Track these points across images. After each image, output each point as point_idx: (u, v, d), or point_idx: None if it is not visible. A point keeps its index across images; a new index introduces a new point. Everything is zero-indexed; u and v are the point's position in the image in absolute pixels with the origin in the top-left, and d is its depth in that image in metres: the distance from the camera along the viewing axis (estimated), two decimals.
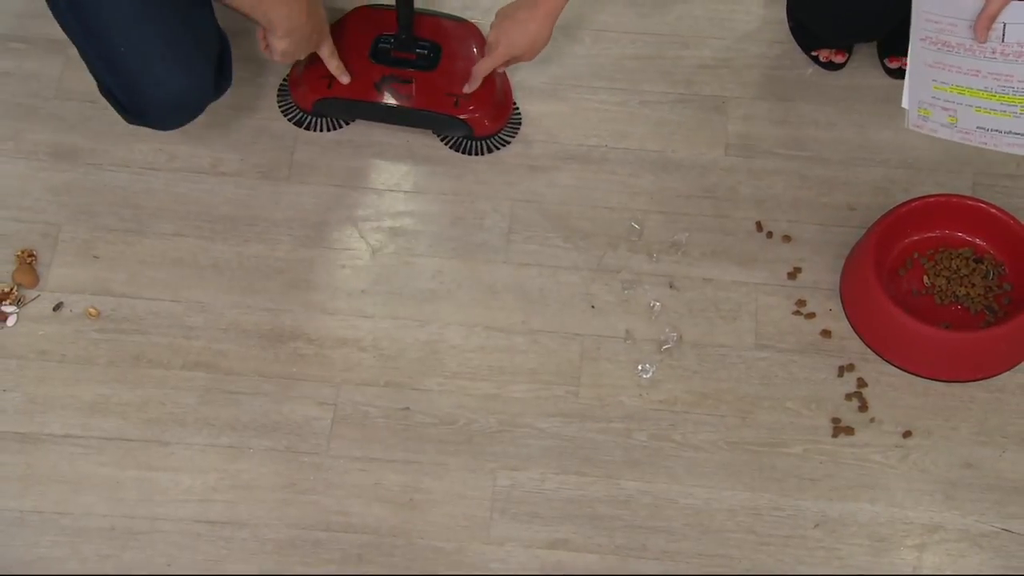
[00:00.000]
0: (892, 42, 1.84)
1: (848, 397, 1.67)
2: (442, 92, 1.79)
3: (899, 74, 1.84)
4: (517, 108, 1.86)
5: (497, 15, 1.73)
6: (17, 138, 1.83)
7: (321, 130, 1.84)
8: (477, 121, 1.80)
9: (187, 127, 1.71)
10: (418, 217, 1.79)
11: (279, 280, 1.74)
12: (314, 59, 1.80)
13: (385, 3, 1.84)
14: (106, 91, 1.68)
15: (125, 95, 1.65)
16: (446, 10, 1.92)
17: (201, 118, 1.71)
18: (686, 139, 1.85)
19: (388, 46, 1.81)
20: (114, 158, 1.82)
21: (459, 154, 1.84)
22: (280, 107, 1.86)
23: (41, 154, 1.82)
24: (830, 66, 1.90)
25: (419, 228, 1.78)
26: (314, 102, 1.81)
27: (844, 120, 1.87)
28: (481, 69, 1.76)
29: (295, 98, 1.83)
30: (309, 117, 1.84)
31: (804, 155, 1.84)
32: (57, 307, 1.71)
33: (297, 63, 1.83)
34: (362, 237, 1.78)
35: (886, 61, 1.89)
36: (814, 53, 1.90)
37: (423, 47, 1.81)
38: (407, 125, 1.84)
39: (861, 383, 1.68)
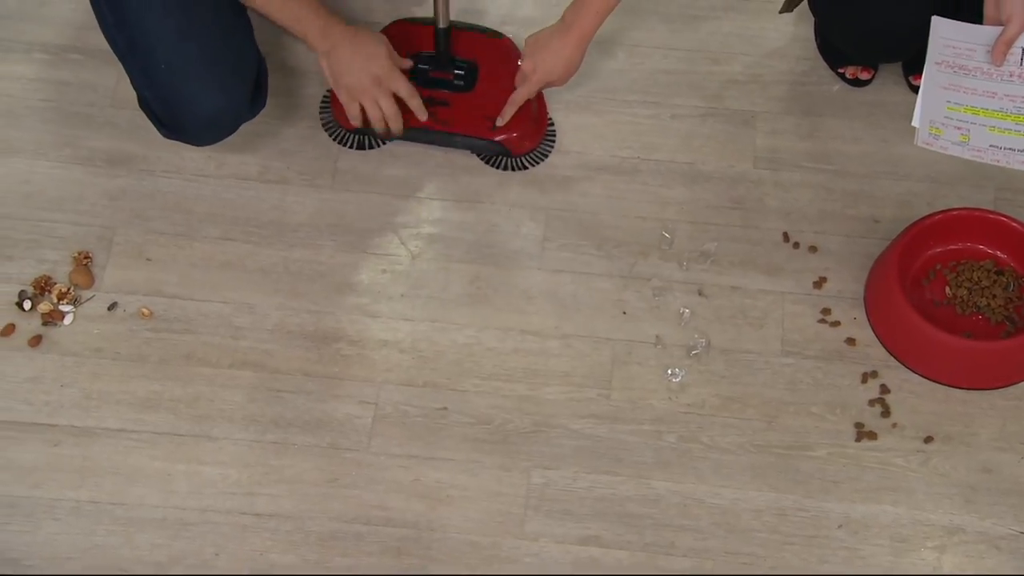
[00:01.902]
0: (917, 60, 1.86)
1: (871, 403, 1.70)
2: (479, 115, 1.82)
3: None
4: (552, 123, 1.89)
5: (528, 44, 1.76)
6: (74, 145, 1.88)
7: (361, 148, 1.87)
8: (514, 142, 1.83)
9: (237, 136, 1.75)
10: (456, 224, 1.83)
11: (322, 284, 1.78)
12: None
13: (421, 16, 1.86)
14: (145, 105, 1.73)
15: (163, 110, 1.69)
16: (485, 18, 1.95)
17: (248, 127, 1.76)
18: (716, 152, 1.89)
19: (426, 67, 1.83)
20: (166, 165, 1.86)
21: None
22: (323, 123, 1.89)
23: (97, 160, 1.86)
24: (856, 83, 1.93)
25: (457, 235, 1.82)
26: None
27: (869, 135, 1.89)
28: (517, 98, 1.78)
29: (336, 116, 1.85)
30: (349, 135, 1.87)
31: (830, 168, 1.87)
32: (112, 307, 1.75)
33: None
34: (402, 243, 1.81)
35: (911, 79, 1.91)
36: (841, 70, 1.93)
37: (460, 68, 1.83)
38: (446, 146, 1.86)
39: (884, 390, 1.70)
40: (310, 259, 1.79)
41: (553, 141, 1.88)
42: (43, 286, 1.75)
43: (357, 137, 1.87)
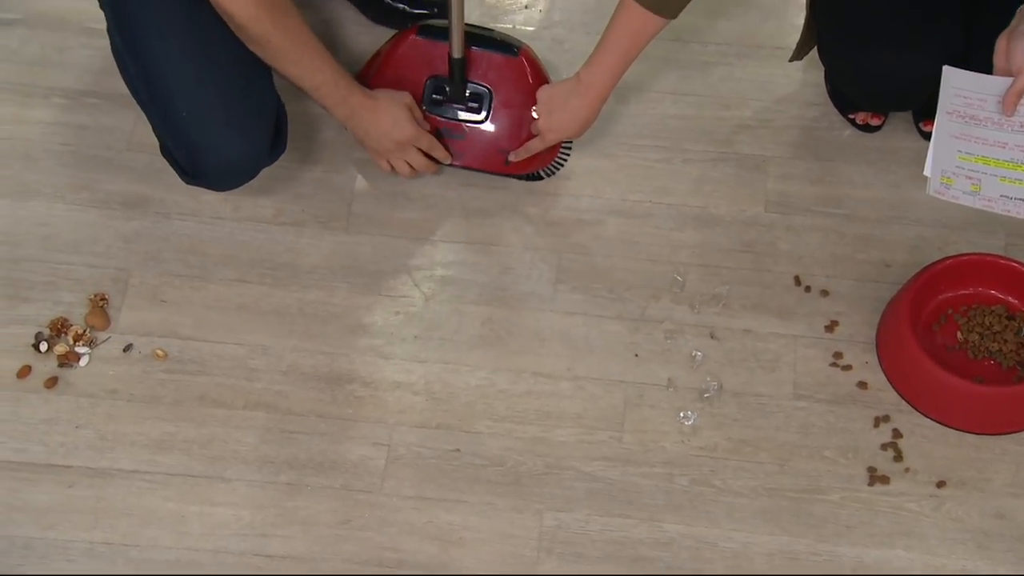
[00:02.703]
0: (927, 107, 1.88)
1: (884, 447, 1.70)
2: (494, 149, 1.84)
3: None
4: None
5: (542, 99, 1.77)
6: (91, 188, 1.90)
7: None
8: (530, 168, 1.86)
9: (252, 180, 1.77)
10: (469, 267, 1.85)
11: (336, 325, 1.79)
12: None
13: (438, 23, 1.82)
14: (167, 153, 1.75)
15: (184, 157, 1.71)
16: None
17: (264, 171, 1.77)
18: (727, 196, 1.90)
19: (441, 97, 1.84)
20: (182, 208, 1.88)
21: (511, 197, 1.89)
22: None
23: (113, 203, 1.88)
24: (866, 128, 1.94)
25: (470, 277, 1.84)
26: None
27: (880, 180, 1.91)
28: (532, 148, 1.81)
29: None
30: None
31: (841, 213, 1.88)
32: (127, 348, 1.77)
33: None
34: (415, 285, 1.83)
35: (921, 125, 1.93)
36: (851, 116, 1.95)
37: (474, 98, 1.84)
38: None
39: (896, 434, 1.71)
40: (324, 301, 1.81)
41: (569, 150, 1.88)
42: (59, 328, 1.76)
43: None
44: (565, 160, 1.89)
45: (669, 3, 1.63)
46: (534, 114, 1.79)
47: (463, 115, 1.85)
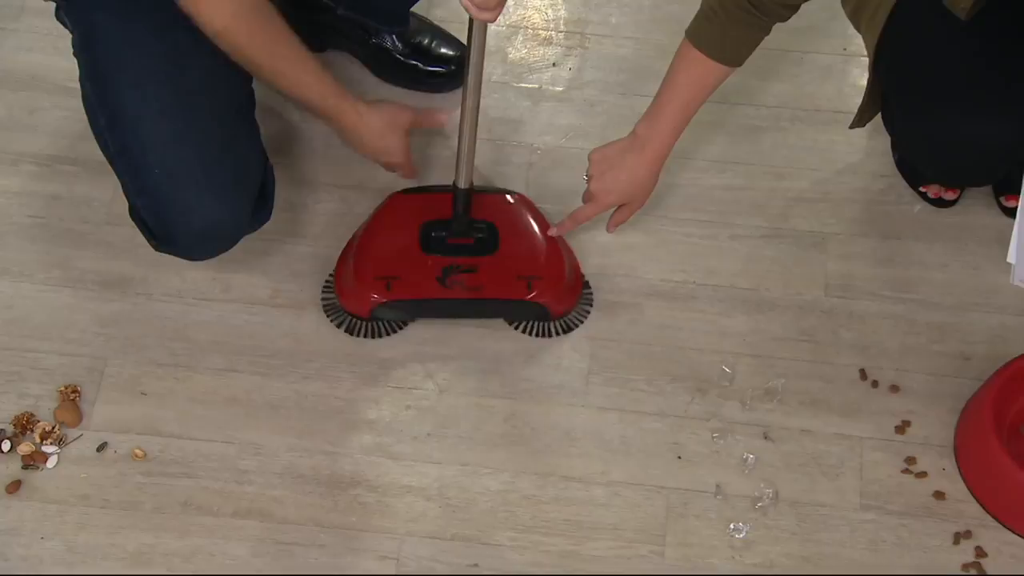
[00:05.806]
0: (1009, 179, 1.87)
1: (965, 568, 1.68)
2: (512, 275, 1.83)
3: (1016, 214, 1.86)
4: (588, 286, 1.88)
5: (595, 160, 1.78)
6: (64, 265, 1.90)
7: (378, 336, 1.84)
8: (553, 302, 1.83)
9: (245, 255, 1.79)
10: (490, 355, 1.84)
11: (339, 421, 1.78)
12: (363, 264, 1.81)
13: (419, 186, 1.90)
14: (136, 214, 1.75)
15: (154, 219, 1.71)
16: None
17: (259, 245, 1.80)
18: (781, 277, 1.90)
19: (442, 235, 1.84)
20: (166, 287, 1.88)
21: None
22: (328, 314, 1.85)
23: (88, 283, 1.89)
24: (940, 203, 1.95)
25: (491, 367, 1.83)
26: (372, 308, 1.81)
27: (956, 261, 1.91)
28: (580, 216, 1.81)
29: (347, 307, 1.83)
30: (366, 323, 1.84)
31: (912, 298, 1.88)
32: (101, 448, 1.75)
33: (344, 266, 1.84)
34: (429, 376, 1.82)
35: (1002, 199, 1.93)
36: (922, 189, 1.95)
37: (481, 229, 1.85)
38: (477, 317, 1.85)
39: (980, 552, 1.69)
40: (325, 393, 1.80)
41: (590, 304, 1.88)
42: (25, 424, 1.76)
43: (368, 324, 1.83)
44: (587, 311, 1.87)
45: (734, 50, 1.65)
46: (586, 177, 1.80)
47: (472, 247, 1.83)
